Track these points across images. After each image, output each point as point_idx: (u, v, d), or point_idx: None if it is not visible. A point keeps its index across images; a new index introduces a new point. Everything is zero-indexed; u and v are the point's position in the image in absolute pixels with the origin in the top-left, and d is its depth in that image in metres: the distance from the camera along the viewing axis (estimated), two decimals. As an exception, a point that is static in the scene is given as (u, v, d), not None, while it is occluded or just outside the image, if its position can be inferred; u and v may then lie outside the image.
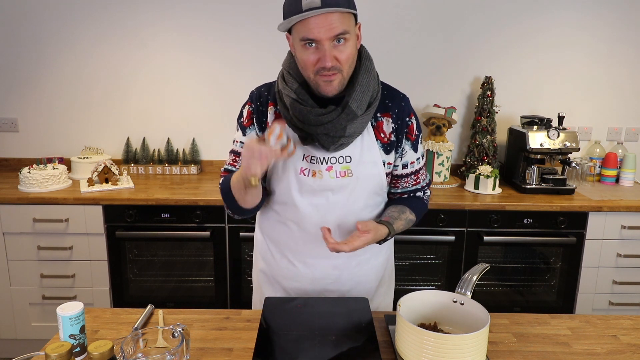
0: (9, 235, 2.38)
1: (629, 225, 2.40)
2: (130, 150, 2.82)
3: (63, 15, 2.73)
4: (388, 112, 1.34)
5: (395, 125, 1.33)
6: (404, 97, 1.38)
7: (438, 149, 2.62)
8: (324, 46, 1.15)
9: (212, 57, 2.79)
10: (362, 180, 1.32)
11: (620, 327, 1.29)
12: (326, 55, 1.16)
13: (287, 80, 1.27)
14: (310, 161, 1.30)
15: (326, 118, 1.22)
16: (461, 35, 2.80)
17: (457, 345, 0.98)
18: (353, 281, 1.42)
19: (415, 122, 1.37)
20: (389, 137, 1.33)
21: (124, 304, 2.47)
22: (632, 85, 2.87)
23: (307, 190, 1.31)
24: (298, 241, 1.37)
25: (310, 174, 1.30)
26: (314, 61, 1.18)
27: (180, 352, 0.95)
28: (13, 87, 2.81)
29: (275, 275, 1.45)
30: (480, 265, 1.19)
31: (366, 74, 1.26)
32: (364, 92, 1.24)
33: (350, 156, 1.30)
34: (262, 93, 1.34)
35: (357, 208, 1.34)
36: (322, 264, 1.38)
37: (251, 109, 1.34)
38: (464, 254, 2.43)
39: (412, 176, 1.41)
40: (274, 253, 1.43)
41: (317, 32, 1.14)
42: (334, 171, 1.30)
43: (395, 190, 1.44)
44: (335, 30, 1.14)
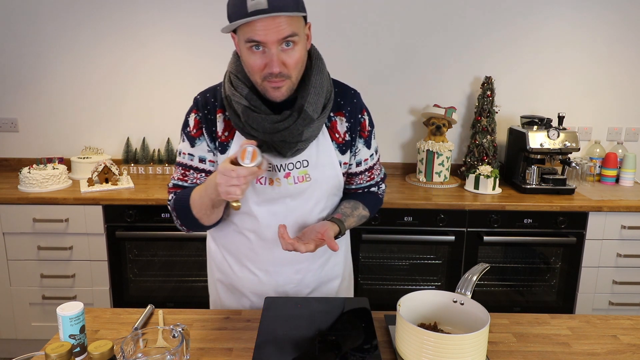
0: (9, 235, 2.38)
1: (629, 225, 2.40)
2: (130, 150, 2.82)
3: (63, 15, 2.73)
4: (341, 110, 1.29)
5: (348, 123, 1.29)
6: (354, 92, 1.33)
7: (438, 149, 2.62)
8: (271, 50, 1.09)
9: (212, 56, 2.79)
10: (321, 184, 1.29)
11: (620, 327, 1.29)
12: (273, 61, 1.10)
13: (236, 85, 1.20)
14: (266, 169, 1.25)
15: (282, 125, 1.16)
16: (461, 35, 2.80)
17: (457, 345, 0.98)
18: (316, 282, 1.40)
19: (368, 118, 1.33)
20: (343, 136, 1.30)
21: (124, 304, 2.47)
22: (632, 85, 2.87)
23: (264, 199, 1.27)
24: (258, 250, 1.33)
25: (267, 182, 1.25)
26: (261, 66, 1.12)
27: (180, 352, 0.95)
28: (13, 87, 2.80)
29: (235, 285, 1.40)
30: (480, 265, 1.19)
31: (319, 75, 1.21)
32: (319, 94, 1.19)
33: (307, 160, 1.26)
34: (208, 100, 1.26)
35: (316, 211, 1.32)
36: (284, 270, 1.35)
37: (198, 118, 1.26)
38: (464, 254, 2.43)
39: (366, 173, 1.39)
40: (232, 264, 1.39)
41: (264, 35, 1.07)
42: (292, 177, 1.26)
43: (349, 187, 1.42)
44: (283, 33, 1.08)
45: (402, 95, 2.87)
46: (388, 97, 2.86)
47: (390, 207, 2.36)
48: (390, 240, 2.43)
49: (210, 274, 1.50)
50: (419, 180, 2.70)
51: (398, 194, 2.50)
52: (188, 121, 1.29)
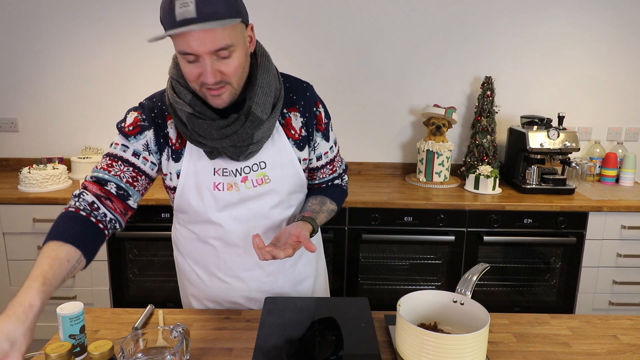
0: (9, 235, 2.38)
1: (629, 225, 2.40)
2: (130, 150, 2.82)
3: (63, 15, 2.73)
4: (294, 106, 1.24)
5: (303, 118, 1.24)
6: (307, 85, 1.27)
7: (438, 149, 2.62)
8: (205, 61, 1.03)
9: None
10: (281, 183, 1.25)
11: (620, 327, 1.29)
12: (207, 72, 1.03)
13: (179, 92, 1.14)
14: (222, 174, 1.20)
15: (230, 130, 1.11)
16: (461, 35, 2.80)
17: (457, 345, 0.98)
18: (290, 282, 1.37)
19: (323, 110, 1.28)
20: (299, 132, 1.25)
21: (124, 304, 2.47)
22: (632, 85, 2.87)
23: (225, 205, 1.22)
24: (224, 257, 1.29)
25: (225, 188, 1.20)
26: (196, 75, 1.06)
27: (180, 352, 0.95)
28: (13, 87, 2.80)
29: (208, 296, 1.36)
30: (480, 265, 1.19)
31: (265, 73, 1.15)
32: (266, 94, 1.14)
33: (264, 162, 1.21)
34: (155, 105, 1.20)
35: (279, 211, 1.28)
36: (255, 274, 1.32)
37: (140, 118, 1.19)
38: (464, 254, 2.43)
39: (327, 166, 1.36)
40: (200, 274, 1.34)
41: (196, 47, 1.01)
42: (250, 181, 1.21)
43: (312, 182, 1.38)
44: (217, 45, 1.01)
45: (402, 95, 2.87)
46: (388, 97, 2.86)
47: (390, 207, 2.36)
48: (390, 240, 2.43)
49: (183, 291, 1.45)
50: (419, 180, 2.70)
51: (398, 194, 2.50)
52: (126, 117, 1.21)
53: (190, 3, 0.97)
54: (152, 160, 1.21)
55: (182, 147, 1.20)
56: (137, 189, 1.19)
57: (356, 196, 2.39)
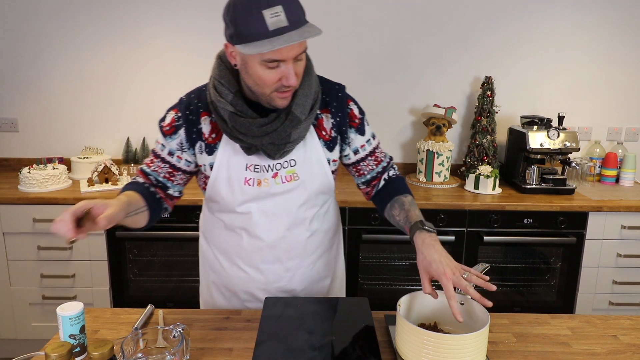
0: (9, 235, 2.38)
1: (629, 225, 2.40)
2: (130, 150, 2.82)
3: (63, 15, 2.73)
4: (326, 107, 1.29)
5: (335, 120, 1.29)
6: (339, 87, 1.32)
7: (438, 149, 2.62)
8: (288, 65, 1.09)
9: (211, 56, 2.77)
10: (309, 182, 1.29)
11: (620, 327, 1.29)
12: (291, 74, 1.10)
13: (221, 92, 1.19)
14: (254, 170, 1.26)
15: (270, 128, 1.17)
16: (461, 35, 2.80)
17: (457, 345, 0.98)
18: (306, 280, 1.41)
19: (356, 107, 1.33)
20: (330, 133, 1.30)
21: (124, 304, 2.47)
22: (632, 85, 2.88)
23: (252, 198, 1.28)
24: (248, 248, 1.34)
25: (255, 184, 1.26)
26: (276, 80, 1.11)
27: (180, 352, 0.95)
28: (13, 87, 2.80)
29: (226, 284, 1.42)
30: (480, 265, 1.20)
31: (308, 77, 1.21)
32: (307, 96, 1.20)
33: (294, 159, 1.27)
34: (192, 101, 1.27)
35: (305, 208, 1.33)
36: (274, 268, 1.36)
37: (176, 117, 1.26)
38: (464, 254, 2.43)
39: (369, 158, 1.37)
40: (223, 262, 1.40)
41: (287, 53, 1.07)
42: (279, 177, 1.27)
43: (365, 179, 1.39)
44: (303, 48, 1.10)
45: (402, 95, 2.87)
46: (388, 97, 2.86)
47: (390, 207, 2.36)
48: (390, 240, 2.43)
49: (203, 276, 1.51)
50: (419, 180, 2.70)
51: (398, 194, 2.50)
52: (166, 117, 1.30)
53: (280, 12, 1.03)
54: (186, 158, 1.29)
55: (216, 141, 1.26)
56: (176, 183, 1.32)
57: (356, 196, 2.39)
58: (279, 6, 1.03)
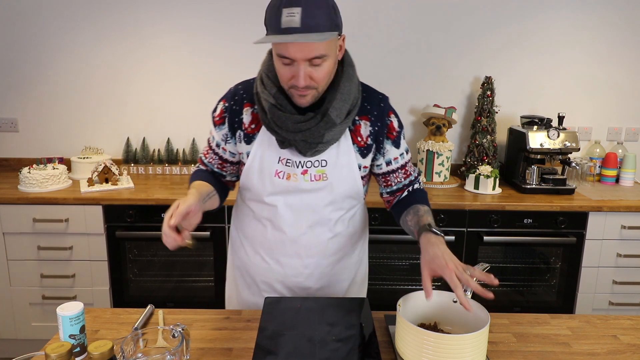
0: (9, 235, 2.38)
1: (629, 225, 2.40)
2: (130, 150, 2.82)
3: (63, 15, 2.73)
4: (366, 114, 1.31)
5: (373, 128, 1.31)
6: (382, 97, 1.35)
7: (438, 149, 2.62)
8: (299, 66, 1.13)
9: (212, 56, 2.79)
10: (337, 184, 1.32)
11: (620, 327, 1.29)
12: (300, 76, 1.13)
13: (266, 84, 1.24)
14: (285, 164, 1.29)
15: (304, 126, 1.21)
16: (461, 35, 2.80)
17: (457, 345, 0.98)
18: (324, 280, 1.43)
19: (396, 120, 1.35)
20: (365, 140, 1.32)
21: (124, 304, 2.47)
22: (632, 85, 2.88)
23: (281, 191, 1.32)
24: (271, 239, 1.38)
25: (285, 177, 1.30)
26: (289, 77, 1.16)
27: (180, 352, 0.95)
28: (13, 87, 2.81)
29: (248, 270, 1.46)
30: (480, 265, 1.20)
31: (348, 82, 1.24)
32: (345, 100, 1.23)
33: (325, 160, 1.29)
34: (237, 91, 1.33)
35: (331, 209, 1.35)
36: (293, 262, 1.39)
37: (224, 108, 1.33)
38: (464, 254, 2.43)
39: (399, 171, 1.40)
40: (247, 249, 1.45)
41: (294, 53, 1.11)
42: (308, 175, 1.30)
43: (390, 189, 1.42)
44: (313, 53, 1.11)
45: (402, 95, 2.87)
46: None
47: (390, 207, 2.36)
48: (390, 240, 2.43)
49: (230, 262, 1.56)
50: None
51: (398, 194, 2.50)
52: (216, 107, 1.35)
53: (297, 14, 1.06)
54: (230, 150, 1.36)
55: (255, 132, 1.31)
56: (228, 172, 1.42)
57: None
58: (298, 8, 1.07)
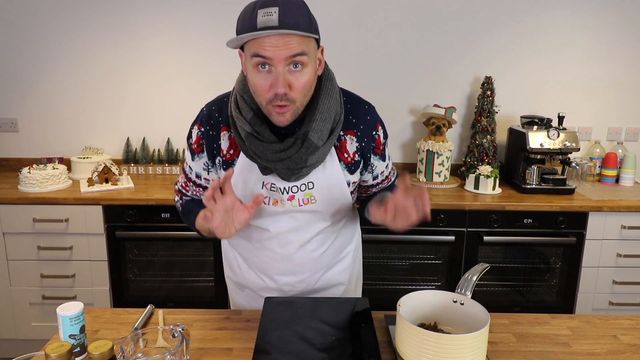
0: (9, 235, 2.38)
1: (629, 225, 2.40)
2: (130, 150, 2.82)
3: (63, 15, 2.73)
4: (352, 129, 1.23)
5: (360, 143, 1.24)
6: (368, 107, 1.26)
7: (438, 149, 2.62)
8: (277, 69, 1.04)
9: (211, 56, 2.79)
10: (326, 205, 1.27)
11: (620, 327, 1.29)
12: (279, 80, 1.04)
13: (241, 108, 1.15)
14: (270, 189, 1.23)
15: (285, 154, 1.13)
16: (461, 35, 2.80)
17: (457, 345, 0.98)
18: (321, 288, 1.42)
19: (382, 132, 1.28)
20: (352, 157, 1.25)
21: (124, 304, 2.47)
22: (632, 85, 2.88)
23: (268, 214, 1.27)
24: (262, 258, 1.36)
25: (271, 203, 1.24)
26: (267, 87, 1.06)
27: (180, 352, 0.95)
28: (13, 87, 2.80)
29: (241, 283, 1.44)
30: (480, 265, 1.20)
31: (327, 99, 1.15)
32: (325, 120, 1.14)
33: (312, 182, 1.23)
34: (212, 115, 1.22)
35: (321, 227, 1.32)
36: (287, 279, 1.37)
37: (200, 133, 1.23)
38: (464, 254, 2.43)
39: (384, 182, 1.38)
40: (241, 264, 1.42)
41: (272, 51, 1.02)
42: (296, 200, 1.24)
43: (367, 195, 1.41)
44: (292, 51, 1.03)
45: (402, 95, 2.87)
46: (388, 97, 2.86)
47: (390, 207, 2.36)
48: (390, 240, 2.43)
49: (226, 274, 1.54)
50: (419, 180, 2.70)
51: (398, 194, 2.50)
52: (191, 133, 1.26)
53: (274, 13, 1.01)
54: (212, 178, 1.29)
55: (233, 157, 1.24)
56: None
57: (356, 196, 2.39)
58: (275, 7, 1.01)
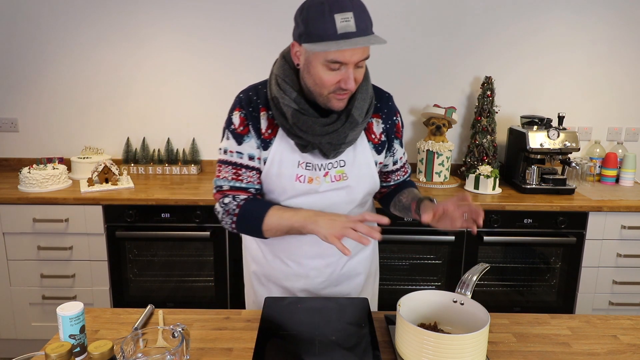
0: (9, 235, 2.38)
1: (629, 225, 2.40)
2: (130, 150, 2.82)
3: (63, 15, 2.73)
4: (377, 112, 1.36)
5: (385, 125, 1.36)
6: (389, 96, 1.40)
7: (438, 149, 2.62)
8: (349, 69, 1.15)
9: (212, 57, 2.79)
10: (356, 183, 1.34)
11: (620, 327, 1.29)
12: (350, 79, 1.15)
13: (284, 89, 1.23)
14: (306, 167, 1.30)
15: (331, 128, 1.22)
16: (461, 35, 2.80)
17: (457, 345, 0.98)
18: (344, 276, 1.45)
19: (400, 120, 1.42)
20: (379, 137, 1.36)
21: (124, 304, 2.47)
22: (632, 85, 2.87)
23: (300, 193, 1.32)
24: (292, 242, 1.38)
25: (306, 181, 1.30)
26: (334, 81, 1.17)
27: (180, 352, 0.96)
28: (13, 87, 2.81)
29: (267, 275, 1.46)
30: (480, 265, 1.20)
31: (365, 81, 1.27)
32: (364, 100, 1.26)
33: (344, 160, 1.32)
34: (251, 98, 1.29)
35: (350, 207, 1.38)
36: (315, 263, 1.40)
37: (243, 115, 1.29)
38: (464, 254, 2.43)
39: (401, 169, 1.48)
40: (266, 254, 1.44)
41: (350, 57, 1.13)
42: (329, 176, 1.31)
43: (387, 184, 1.50)
44: (365, 55, 1.16)
45: (402, 95, 2.86)
46: (388, 97, 2.86)
47: (390, 207, 2.36)
48: (390, 240, 2.43)
49: (246, 268, 1.56)
50: (419, 180, 2.70)
51: (398, 194, 2.50)
52: (232, 119, 1.31)
53: (350, 18, 1.10)
54: (261, 157, 1.31)
55: (271, 137, 1.29)
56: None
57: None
58: (350, 13, 1.09)
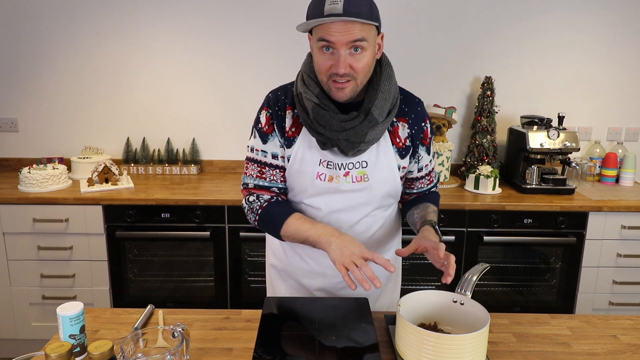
0: (9, 235, 2.38)
1: (629, 225, 2.40)
2: (130, 150, 2.82)
3: (63, 15, 2.73)
4: (404, 117, 1.35)
5: (410, 130, 1.35)
6: (419, 101, 1.38)
7: (438, 149, 2.62)
8: (339, 52, 1.16)
9: (212, 57, 2.79)
10: (378, 185, 1.34)
11: (620, 327, 1.29)
12: (340, 62, 1.16)
13: (308, 84, 1.26)
14: (327, 166, 1.31)
15: (349, 124, 1.23)
16: (462, 36, 2.80)
17: (457, 345, 0.98)
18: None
19: (429, 126, 1.39)
20: (404, 142, 1.35)
21: (124, 304, 2.47)
22: (632, 85, 2.87)
23: (321, 192, 1.33)
24: None
25: (326, 179, 1.31)
26: (328, 66, 1.18)
27: (180, 352, 0.95)
28: (13, 87, 2.81)
29: (286, 270, 1.47)
30: (480, 265, 1.20)
31: (387, 81, 1.27)
32: (386, 99, 1.25)
33: (366, 161, 1.31)
34: (279, 97, 1.32)
35: (371, 209, 1.37)
36: None
37: (269, 114, 1.32)
38: (464, 254, 2.43)
39: (426, 177, 1.46)
40: (286, 250, 1.45)
41: (335, 36, 1.14)
42: (350, 176, 1.31)
43: (410, 191, 1.48)
44: (353, 36, 1.14)
45: (402, 95, 2.87)
46: (388, 97, 2.86)
47: (390, 207, 2.36)
48: (390, 240, 2.43)
49: (266, 260, 1.57)
50: (419, 180, 2.70)
51: (398, 194, 2.50)
52: (260, 118, 1.34)
53: (340, 1, 1.12)
54: (284, 155, 1.34)
55: (294, 135, 1.32)
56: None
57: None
58: None
